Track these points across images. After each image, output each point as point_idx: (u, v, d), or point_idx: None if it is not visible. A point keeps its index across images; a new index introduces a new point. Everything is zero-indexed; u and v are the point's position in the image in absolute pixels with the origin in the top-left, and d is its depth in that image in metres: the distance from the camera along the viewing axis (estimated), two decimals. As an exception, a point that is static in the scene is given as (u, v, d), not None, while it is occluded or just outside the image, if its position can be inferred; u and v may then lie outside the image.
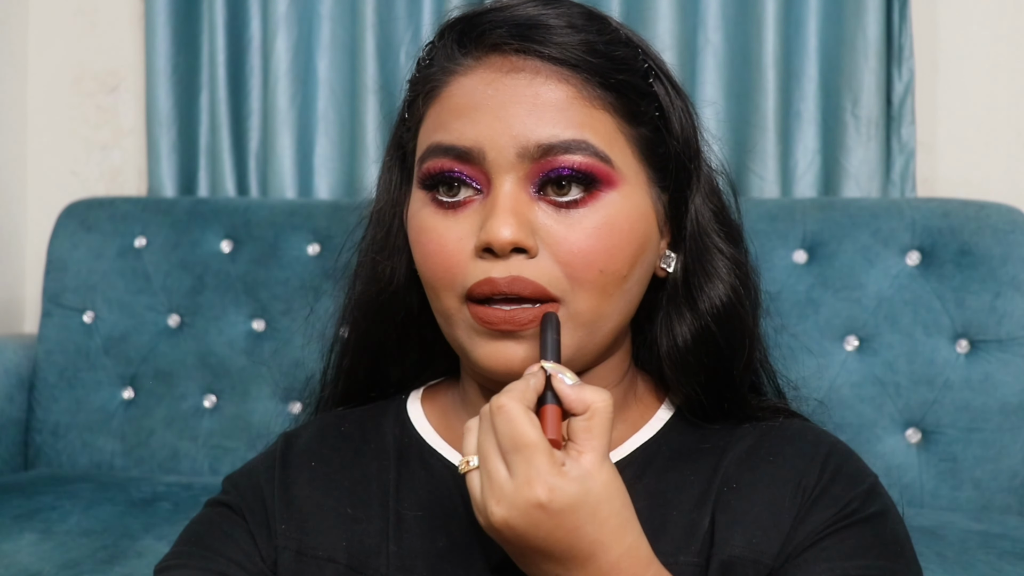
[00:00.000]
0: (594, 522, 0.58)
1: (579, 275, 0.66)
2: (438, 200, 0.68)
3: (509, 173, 0.66)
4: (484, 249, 0.66)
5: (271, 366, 1.76)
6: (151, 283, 1.83)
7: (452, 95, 0.69)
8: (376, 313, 0.76)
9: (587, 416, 0.60)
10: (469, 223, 0.67)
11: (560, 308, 0.66)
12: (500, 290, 0.65)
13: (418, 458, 0.74)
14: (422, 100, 0.71)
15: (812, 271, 1.66)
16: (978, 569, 1.25)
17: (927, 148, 1.87)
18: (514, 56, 0.68)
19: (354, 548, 0.70)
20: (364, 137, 1.94)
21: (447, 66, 0.70)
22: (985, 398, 1.56)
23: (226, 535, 0.72)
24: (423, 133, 0.71)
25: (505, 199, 0.66)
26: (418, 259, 0.70)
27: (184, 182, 2.05)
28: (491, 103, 0.67)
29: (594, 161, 0.66)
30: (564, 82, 0.67)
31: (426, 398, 0.79)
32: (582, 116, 0.67)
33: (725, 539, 0.66)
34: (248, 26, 2.02)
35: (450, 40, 0.71)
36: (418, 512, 0.71)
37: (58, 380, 1.82)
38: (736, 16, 1.86)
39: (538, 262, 0.66)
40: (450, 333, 0.70)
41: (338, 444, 0.76)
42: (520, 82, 0.67)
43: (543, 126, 0.66)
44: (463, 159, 0.67)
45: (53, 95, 2.14)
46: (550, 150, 0.66)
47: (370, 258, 0.77)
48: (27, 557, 1.32)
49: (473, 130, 0.67)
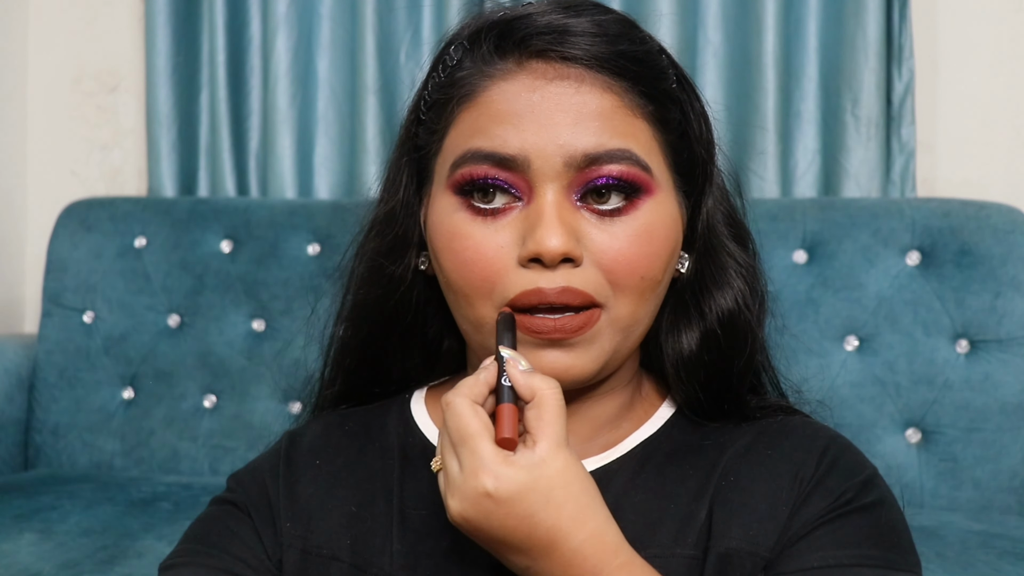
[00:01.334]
0: (547, 509, 0.58)
1: (622, 281, 0.67)
2: (474, 206, 0.68)
3: (554, 182, 0.66)
4: (531, 259, 0.66)
5: (271, 366, 1.76)
6: (151, 283, 1.83)
7: (492, 100, 0.68)
8: (381, 314, 0.76)
9: (535, 404, 0.61)
10: (509, 232, 0.67)
11: (603, 314, 0.67)
12: (549, 300, 0.65)
13: (422, 457, 0.74)
14: (455, 103, 0.70)
15: (812, 271, 1.66)
16: (978, 569, 1.25)
17: (927, 148, 1.87)
18: (558, 63, 0.68)
19: (358, 546, 0.70)
20: (364, 137, 1.94)
21: (485, 70, 0.69)
22: (985, 398, 1.56)
23: (232, 533, 0.72)
24: (455, 137, 0.70)
25: (552, 208, 0.65)
26: (450, 266, 0.69)
27: (184, 182, 2.05)
28: (536, 111, 0.66)
29: (636, 170, 0.67)
30: (608, 90, 0.67)
31: (430, 398, 0.79)
32: (625, 125, 0.67)
33: (722, 532, 0.66)
34: (248, 26, 2.02)
35: (488, 44, 0.70)
36: (422, 511, 0.71)
37: (58, 380, 1.82)
38: (736, 16, 1.86)
39: (583, 270, 0.66)
40: (480, 342, 0.70)
41: (342, 443, 0.76)
42: (566, 90, 0.67)
43: (589, 135, 0.66)
44: (505, 166, 0.66)
45: (53, 95, 2.14)
46: (596, 160, 0.66)
47: (374, 259, 0.76)
48: (27, 557, 1.32)
49: (518, 137, 0.66)
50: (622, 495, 0.62)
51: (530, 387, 0.61)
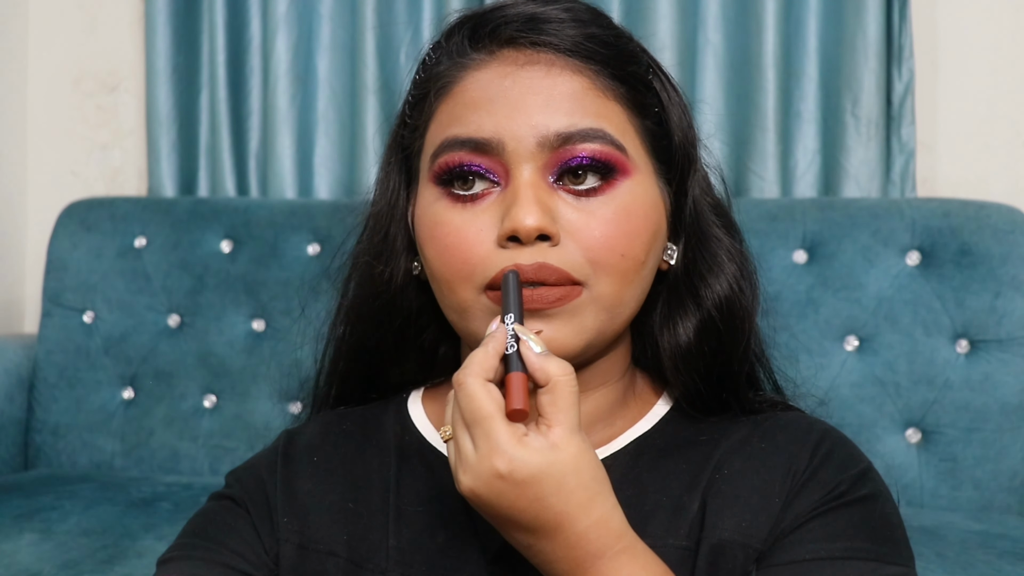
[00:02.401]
0: (559, 494, 0.59)
1: (602, 260, 0.67)
2: (453, 194, 0.69)
3: (528, 163, 0.67)
4: (508, 238, 0.66)
5: (271, 366, 1.76)
6: (151, 283, 1.83)
7: (466, 89, 0.70)
8: (372, 317, 0.76)
9: (549, 389, 0.61)
10: (488, 215, 0.68)
11: (584, 292, 0.67)
12: (527, 277, 0.66)
13: (418, 455, 0.74)
14: (433, 97, 0.72)
15: (812, 271, 1.66)
16: (978, 569, 1.25)
17: (927, 148, 1.87)
18: (528, 49, 0.69)
19: (355, 542, 0.71)
20: (364, 137, 1.94)
21: (459, 61, 0.71)
22: (985, 398, 1.56)
23: (229, 527, 0.72)
24: (434, 129, 0.71)
25: (527, 187, 0.67)
26: (432, 253, 0.70)
27: (184, 182, 2.05)
28: (508, 95, 0.68)
29: (611, 149, 0.68)
30: (578, 73, 0.69)
31: (427, 397, 0.80)
32: (597, 106, 0.68)
33: (715, 523, 0.67)
34: (248, 26, 2.02)
35: (460, 38, 0.72)
36: (418, 507, 0.71)
37: (58, 380, 1.82)
38: (736, 16, 1.86)
39: (561, 249, 0.67)
40: (465, 327, 0.70)
41: (339, 441, 0.77)
42: (536, 74, 0.68)
43: (561, 116, 0.67)
44: (481, 151, 0.68)
45: (53, 95, 2.14)
46: (569, 139, 0.67)
47: (365, 261, 0.77)
48: (27, 557, 1.33)
49: (491, 121, 0.68)
50: (615, 490, 0.62)
51: (545, 372, 0.61)
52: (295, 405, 1.76)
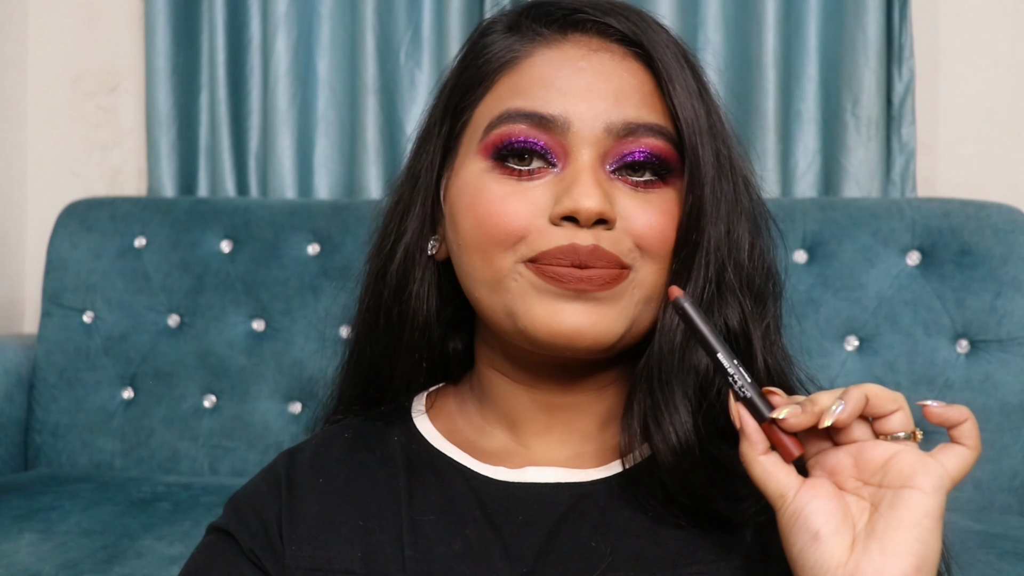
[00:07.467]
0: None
1: (652, 248, 0.67)
2: (506, 167, 0.68)
3: (591, 147, 0.67)
4: (564, 217, 0.65)
5: (271, 366, 1.76)
6: (151, 283, 1.83)
7: (535, 64, 0.69)
8: (385, 317, 0.75)
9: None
10: (541, 193, 0.67)
11: (630, 274, 0.67)
12: (581, 258, 0.65)
13: (428, 464, 0.73)
14: (495, 72, 0.71)
15: (812, 271, 1.66)
16: (978, 569, 1.25)
17: (927, 148, 1.87)
18: (599, 37, 0.70)
19: (370, 557, 0.69)
20: (364, 137, 1.94)
21: (528, 37, 0.71)
22: (985, 398, 1.56)
23: (229, 565, 0.71)
24: (491, 101, 0.70)
25: (589, 170, 0.66)
26: (470, 222, 0.68)
27: (184, 182, 2.05)
28: (580, 76, 0.68)
29: (671, 148, 0.68)
30: (646, 70, 0.70)
31: (429, 404, 0.79)
32: (662, 106, 0.69)
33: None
34: (248, 26, 2.01)
35: (530, 18, 0.72)
36: (431, 516, 0.70)
37: (58, 380, 1.82)
38: (736, 16, 1.86)
39: (614, 234, 0.66)
40: (495, 301, 0.68)
41: (342, 457, 0.75)
42: (609, 61, 0.69)
43: (630, 106, 0.67)
44: (544, 127, 0.67)
45: (53, 95, 2.14)
46: (635, 130, 0.67)
47: (379, 264, 0.76)
48: (27, 557, 1.32)
49: (560, 99, 0.67)
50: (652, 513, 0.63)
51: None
52: (295, 405, 1.76)
